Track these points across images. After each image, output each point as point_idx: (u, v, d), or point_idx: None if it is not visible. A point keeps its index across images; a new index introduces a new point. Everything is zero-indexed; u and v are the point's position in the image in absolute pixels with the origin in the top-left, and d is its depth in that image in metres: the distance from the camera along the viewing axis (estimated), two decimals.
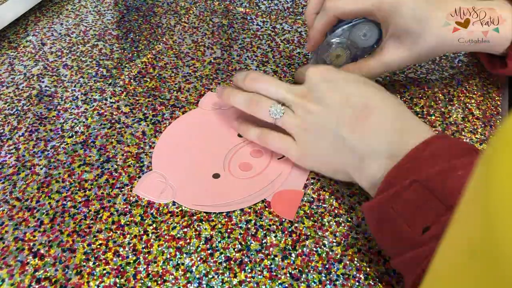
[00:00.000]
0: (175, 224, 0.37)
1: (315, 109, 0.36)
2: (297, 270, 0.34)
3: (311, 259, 0.35)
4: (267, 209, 0.38)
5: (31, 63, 0.53)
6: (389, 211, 0.30)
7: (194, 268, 0.34)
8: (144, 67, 0.53)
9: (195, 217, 0.37)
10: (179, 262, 0.34)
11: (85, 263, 0.34)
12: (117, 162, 0.41)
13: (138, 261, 0.34)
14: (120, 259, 0.34)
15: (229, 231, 0.36)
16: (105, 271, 0.34)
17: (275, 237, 0.36)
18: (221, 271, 0.34)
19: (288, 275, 0.33)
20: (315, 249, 0.35)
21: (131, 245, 0.35)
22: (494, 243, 0.11)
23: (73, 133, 0.44)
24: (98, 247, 0.35)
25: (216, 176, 0.40)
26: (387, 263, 0.34)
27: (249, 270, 0.34)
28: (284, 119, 0.38)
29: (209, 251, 0.35)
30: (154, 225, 0.36)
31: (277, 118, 0.38)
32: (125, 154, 0.42)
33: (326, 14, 0.42)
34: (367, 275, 0.34)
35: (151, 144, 0.43)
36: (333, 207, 0.38)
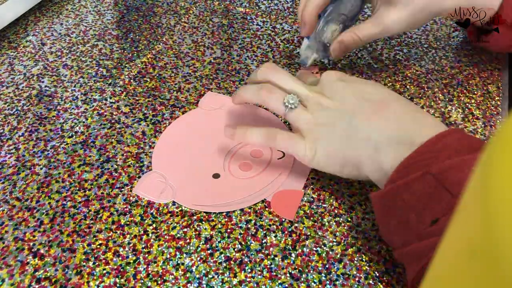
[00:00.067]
0: (175, 224, 0.37)
1: (330, 104, 0.36)
2: (297, 270, 0.34)
3: (311, 259, 0.35)
4: (267, 209, 0.38)
5: (31, 63, 0.53)
6: (398, 200, 0.30)
7: (194, 268, 0.34)
8: (144, 67, 0.53)
9: (195, 217, 0.37)
10: (179, 262, 0.34)
11: (85, 263, 0.34)
12: (117, 162, 0.41)
13: (138, 261, 0.34)
14: (120, 259, 0.34)
15: (229, 231, 0.36)
16: (105, 271, 0.34)
17: (275, 237, 0.36)
18: (221, 271, 0.34)
19: (288, 275, 0.34)
20: (315, 249, 0.35)
21: (131, 245, 0.35)
22: (494, 243, 0.11)
23: (73, 133, 0.44)
24: (98, 247, 0.35)
25: (216, 176, 0.40)
26: (387, 262, 0.34)
27: (249, 270, 0.34)
28: (297, 111, 0.37)
29: (209, 251, 0.35)
30: (154, 225, 0.37)
31: (291, 108, 0.37)
32: (125, 154, 0.42)
33: None
34: (367, 275, 0.34)
35: (151, 144, 0.43)
36: (333, 207, 0.38)
